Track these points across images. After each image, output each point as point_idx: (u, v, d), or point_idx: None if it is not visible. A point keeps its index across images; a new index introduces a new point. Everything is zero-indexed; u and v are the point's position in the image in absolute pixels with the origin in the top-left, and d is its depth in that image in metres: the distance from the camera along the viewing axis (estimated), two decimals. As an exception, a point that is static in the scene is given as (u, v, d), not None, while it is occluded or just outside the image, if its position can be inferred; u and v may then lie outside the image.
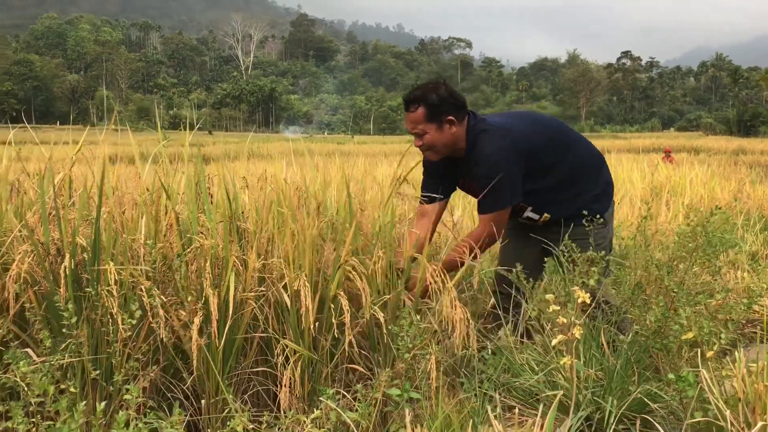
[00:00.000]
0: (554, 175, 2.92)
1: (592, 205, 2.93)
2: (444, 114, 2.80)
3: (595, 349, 2.49)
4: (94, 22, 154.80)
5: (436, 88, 2.83)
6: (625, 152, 19.27)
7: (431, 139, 2.83)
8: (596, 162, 3.08)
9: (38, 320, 2.18)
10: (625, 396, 2.15)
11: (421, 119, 2.81)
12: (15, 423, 1.66)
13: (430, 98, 2.80)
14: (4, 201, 2.63)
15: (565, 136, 3.02)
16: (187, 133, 3.53)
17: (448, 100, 2.81)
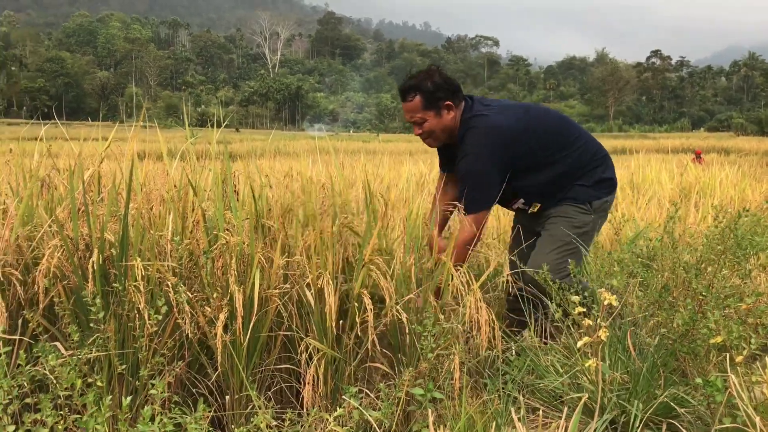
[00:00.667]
0: (546, 173, 2.92)
1: (577, 188, 2.95)
2: (441, 100, 2.83)
3: (620, 351, 2.46)
4: (125, 19, 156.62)
5: (430, 75, 2.84)
6: (653, 152, 19.06)
7: (431, 126, 2.87)
8: (594, 162, 3.04)
9: (67, 314, 2.21)
10: (650, 400, 2.12)
11: (418, 107, 2.84)
12: (43, 415, 1.69)
13: (426, 86, 2.81)
14: (34, 196, 2.68)
15: (564, 138, 2.98)
16: (215, 130, 3.57)
17: (443, 86, 2.83)
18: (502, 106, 3.01)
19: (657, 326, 2.77)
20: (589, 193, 2.96)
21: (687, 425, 2.06)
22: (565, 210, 2.94)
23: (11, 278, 2.28)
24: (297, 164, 6.41)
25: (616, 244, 4.55)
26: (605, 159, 3.09)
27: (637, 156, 10.97)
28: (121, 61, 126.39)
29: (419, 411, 2.06)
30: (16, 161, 3.06)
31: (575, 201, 2.95)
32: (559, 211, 2.94)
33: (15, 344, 2.16)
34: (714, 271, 2.83)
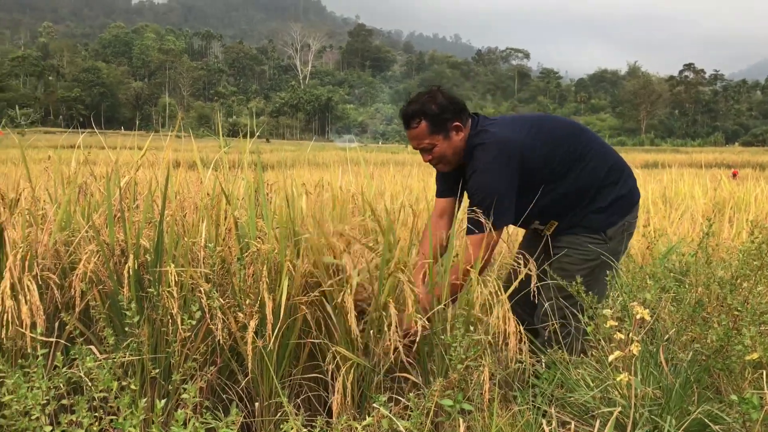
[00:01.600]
0: (559, 189, 2.73)
1: (592, 216, 2.76)
2: (449, 121, 2.65)
3: (653, 366, 2.43)
4: (159, 31, 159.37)
5: (433, 97, 2.67)
6: (686, 167, 18.80)
7: (441, 151, 2.69)
8: (612, 176, 2.82)
9: (102, 318, 2.25)
10: (683, 416, 2.09)
11: (425, 133, 2.66)
12: (79, 416, 1.72)
13: (430, 109, 2.64)
14: (72, 203, 2.74)
15: (578, 148, 2.76)
16: (248, 140, 3.62)
17: (449, 107, 2.66)
18: (509, 119, 2.87)
19: (690, 342, 2.73)
20: (602, 220, 2.77)
21: (720, 441, 2.02)
22: (579, 241, 2.75)
23: (49, 282, 2.33)
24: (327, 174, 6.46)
25: (648, 258, 4.51)
26: (623, 172, 2.87)
27: (669, 170, 10.85)
28: (155, 72, 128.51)
29: (448, 422, 2.05)
30: (55, 168, 3.13)
31: (588, 230, 2.77)
32: (572, 242, 2.76)
33: (52, 346, 2.21)
34: (750, 287, 2.78)
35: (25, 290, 2.17)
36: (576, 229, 2.76)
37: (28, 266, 2.28)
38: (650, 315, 2.89)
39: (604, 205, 2.76)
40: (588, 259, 2.73)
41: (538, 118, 2.92)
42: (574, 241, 2.74)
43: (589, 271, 2.73)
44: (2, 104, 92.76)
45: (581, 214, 2.75)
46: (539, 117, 2.96)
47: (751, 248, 2.78)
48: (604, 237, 2.77)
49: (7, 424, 1.81)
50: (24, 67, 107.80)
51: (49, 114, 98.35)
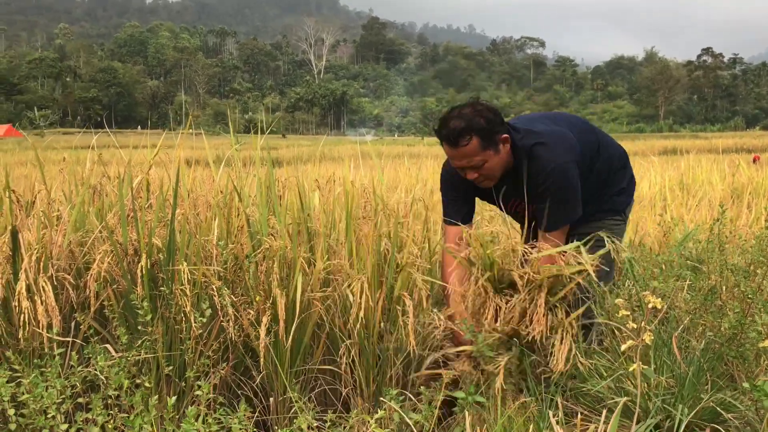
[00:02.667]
0: (589, 177, 2.69)
1: (615, 198, 2.80)
2: (497, 134, 2.50)
3: (666, 355, 2.42)
4: (173, 29, 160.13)
5: (478, 111, 2.51)
6: (705, 152, 18.60)
7: (492, 166, 2.53)
8: (622, 160, 2.88)
9: (116, 317, 2.28)
10: (696, 404, 2.08)
11: (477, 150, 2.47)
12: (94, 414, 1.75)
13: (479, 124, 2.46)
14: (86, 203, 2.77)
15: (596, 137, 2.79)
16: (259, 137, 3.64)
17: (495, 119, 2.51)
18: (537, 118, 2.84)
19: (704, 330, 2.71)
20: (623, 201, 2.82)
21: (734, 431, 2.01)
22: (605, 226, 2.69)
23: (64, 282, 2.36)
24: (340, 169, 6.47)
25: (664, 246, 4.48)
26: (625, 154, 2.93)
27: (687, 156, 10.73)
28: (170, 70, 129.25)
29: (461, 415, 2.06)
30: (69, 169, 3.17)
31: (614, 213, 2.79)
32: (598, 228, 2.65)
33: (68, 346, 2.24)
34: (764, 274, 2.76)
35: (41, 291, 2.20)
36: (599, 214, 2.76)
37: (43, 267, 2.31)
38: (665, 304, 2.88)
39: (624, 185, 2.83)
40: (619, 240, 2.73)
41: (558, 115, 2.91)
42: (600, 226, 2.67)
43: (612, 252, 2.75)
44: (21, 106, 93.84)
45: (604, 199, 2.78)
46: (564, 115, 2.95)
47: (765, 234, 2.76)
48: (623, 217, 2.82)
49: (25, 423, 1.85)
50: (41, 69, 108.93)
51: (67, 115, 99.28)
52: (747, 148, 29.00)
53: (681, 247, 3.75)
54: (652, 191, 7.20)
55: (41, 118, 79.84)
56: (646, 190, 7.34)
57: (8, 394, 1.86)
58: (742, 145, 31.98)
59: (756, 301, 2.42)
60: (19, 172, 9.56)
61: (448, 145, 2.50)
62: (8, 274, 2.30)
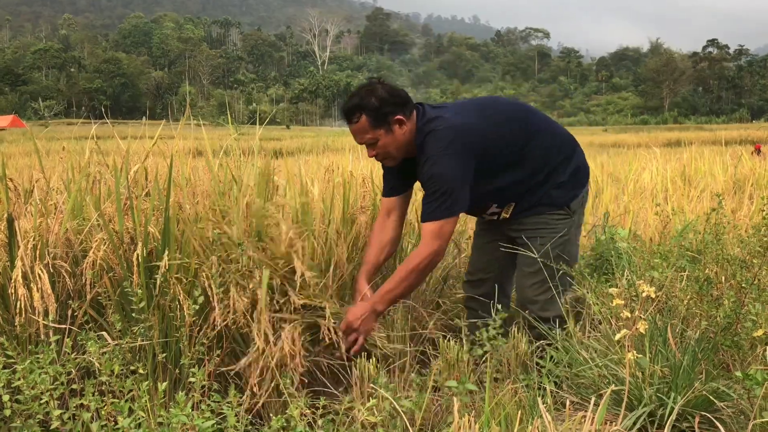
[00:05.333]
0: (516, 169, 2.68)
1: (553, 192, 2.72)
2: (389, 115, 2.55)
3: (661, 345, 2.43)
4: (178, 20, 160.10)
5: (372, 90, 2.58)
6: (709, 144, 18.54)
7: (384, 145, 2.59)
8: (565, 149, 2.80)
9: (112, 305, 2.29)
10: (690, 393, 2.09)
11: (367, 128, 2.56)
12: (87, 400, 1.76)
13: (370, 103, 2.54)
14: (83, 191, 2.78)
15: (529, 126, 2.73)
16: (258, 127, 3.65)
17: (390, 100, 2.56)
18: (458, 105, 2.82)
19: (700, 320, 2.72)
20: (565, 195, 2.75)
21: (728, 419, 2.02)
22: (545, 220, 2.72)
23: (60, 270, 2.37)
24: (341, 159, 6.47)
25: (665, 236, 4.48)
26: (574, 146, 2.85)
27: (690, 148, 10.70)
28: (174, 61, 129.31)
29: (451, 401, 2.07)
30: (68, 159, 3.18)
31: (552, 207, 2.73)
32: (538, 222, 2.73)
33: (64, 333, 2.26)
34: (760, 264, 2.76)
35: (37, 278, 2.22)
36: (538, 208, 2.73)
37: (40, 255, 2.33)
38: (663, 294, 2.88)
39: (564, 179, 2.74)
40: (559, 236, 2.70)
41: (486, 100, 2.89)
42: (539, 221, 2.71)
43: (561, 249, 2.71)
44: (26, 97, 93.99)
45: (542, 192, 2.71)
46: (487, 99, 2.94)
47: (763, 224, 2.75)
48: (568, 211, 2.75)
49: (20, 409, 1.86)
50: (46, 60, 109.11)
51: (72, 105, 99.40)
52: (751, 139, 28.91)
53: (680, 238, 3.76)
54: (653, 182, 7.19)
55: (45, 108, 79.96)
56: (648, 181, 7.33)
57: (3, 380, 1.87)
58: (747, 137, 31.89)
59: (751, 290, 2.42)
60: (23, 162, 9.60)
61: (345, 121, 2.62)
62: (5, 261, 2.31)
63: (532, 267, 2.69)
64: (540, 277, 2.67)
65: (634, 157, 11.00)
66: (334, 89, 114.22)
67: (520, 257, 2.74)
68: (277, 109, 70.80)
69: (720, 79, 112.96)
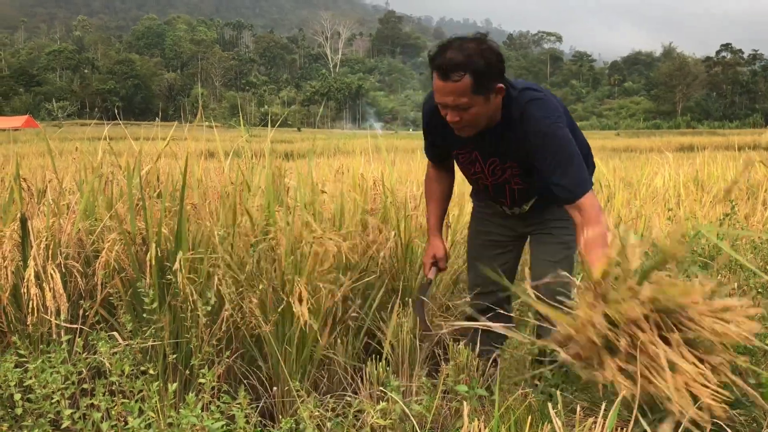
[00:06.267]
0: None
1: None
2: (494, 81, 2.26)
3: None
4: (190, 22, 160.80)
5: (482, 51, 2.23)
6: (722, 149, 18.43)
7: (476, 113, 2.29)
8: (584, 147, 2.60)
9: (123, 305, 2.30)
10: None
11: (467, 90, 2.22)
12: (98, 400, 1.77)
13: (478, 64, 2.20)
14: (96, 192, 2.80)
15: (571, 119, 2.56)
16: (269, 129, 3.66)
17: (498, 66, 2.26)
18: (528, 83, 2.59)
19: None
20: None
21: (740, 426, 2.00)
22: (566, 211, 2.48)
23: (72, 270, 2.39)
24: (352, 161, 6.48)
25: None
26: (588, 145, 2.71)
27: (703, 153, 10.65)
28: (187, 63, 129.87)
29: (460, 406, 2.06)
30: (81, 159, 3.20)
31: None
32: (560, 213, 2.48)
33: (76, 333, 2.27)
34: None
35: (49, 278, 2.23)
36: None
37: (52, 255, 2.34)
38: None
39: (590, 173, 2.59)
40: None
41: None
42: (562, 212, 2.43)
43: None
44: (40, 98, 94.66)
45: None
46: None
47: (776, 231, 2.73)
48: None
49: (31, 408, 1.87)
50: (60, 61, 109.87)
51: (85, 106, 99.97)
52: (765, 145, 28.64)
53: (692, 243, 3.73)
54: (665, 187, 7.15)
55: (59, 109, 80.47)
56: (660, 186, 7.30)
57: (15, 379, 1.88)
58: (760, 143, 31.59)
59: (764, 296, 2.40)
60: (36, 162, 9.66)
61: (439, 76, 2.24)
62: (17, 261, 2.33)
63: (555, 257, 2.52)
64: (564, 268, 2.37)
65: (647, 161, 10.94)
66: (345, 92, 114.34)
67: (540, 249, 2.59)
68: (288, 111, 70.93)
69: (734, 83, 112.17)
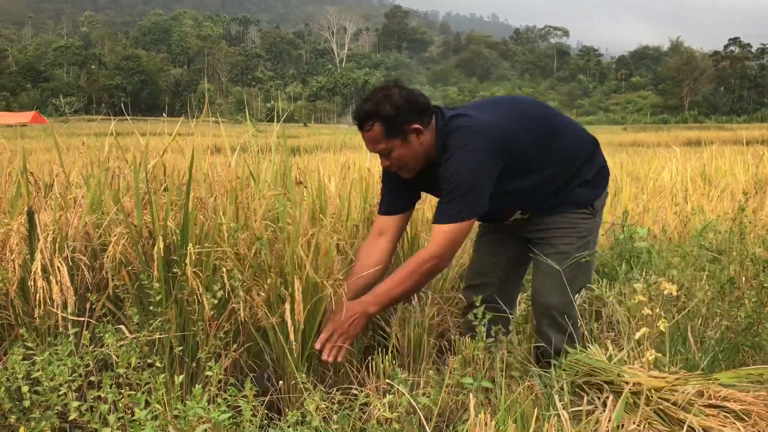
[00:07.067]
0: (542, 170, 2.51)
1: (577, 191, 2.57)
2: (405, 124, 2.35)
3: (681, 344, 2.40)
4: (197, 17, 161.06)
5: (388, 96, 2.36)
6: (729, 144, 18.33)
7: (399, 156, 2.39)
8: (587, 148, 2.65)
9: (130, 298, 2.31)
10: (709, 394, 2.06)
11: (380, 137, 2.36)
12: (104, 392, 1.77)
13: (384, 110, 2.33)
14: (103, 185, 2.80)
15: (551, 125, 2.57)
16: (275, 124, 3.66)
17: (407, 107, 2.35)
18: (480, 105, 2.65)
19: (721, 320, 2.68)
20: (589, 194, 2.61)
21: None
22: (568, 220, 2.57)
23: (79, 263, 2.39)
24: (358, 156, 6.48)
25: (684, 236, 4.44)
26: (596, 144, 2.70)
27: (710, 147, 10.59)
28: (193, 58, 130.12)
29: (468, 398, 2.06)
30: (88, 153, 3.20)
31: (577, 206, 2.58)
32: (562, 222, 2.57)
33: (83, 326, 2.27)
34: (783, 264, 2.72)
35: (56, 271, 2.23)
36: (562, 207, 2.58)
37: (59, 248, 2.34)
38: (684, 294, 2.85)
39: (589, 177, 2.61)
40: (582, 236, 2.57)
41: (508, 100, 2.74)
42: (562, 221, 2.56)
43: (584, 248, 2.57)
44: (47, 93, 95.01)
45: (566, 191, 2.57)
46: (510, 99, 2.78)
47: (786, 224, 2.71)
48: (591, 210, 2.61)
49: (39, 400, 1.88)
50: (67, 57, 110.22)
51: (92, 102, 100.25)
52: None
53: (700, 237, 3.71)
54: (672, 182, 7.13)
55: (66, 105, 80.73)
56: (667, 180, 7.27)
57: (23, 371, 1.89)
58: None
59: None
60: (43, 157, 9.69)
61: (358, 128, 2.42)
62: (25, 254, 2.33)
63: (552, 269, 2.51)
64: (568, 277, 2.50)
65: (654, 156, 10.91)
66: (351, 87, 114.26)
67: (539, 260, 2.59)
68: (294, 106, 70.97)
69: (741, 78, 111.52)
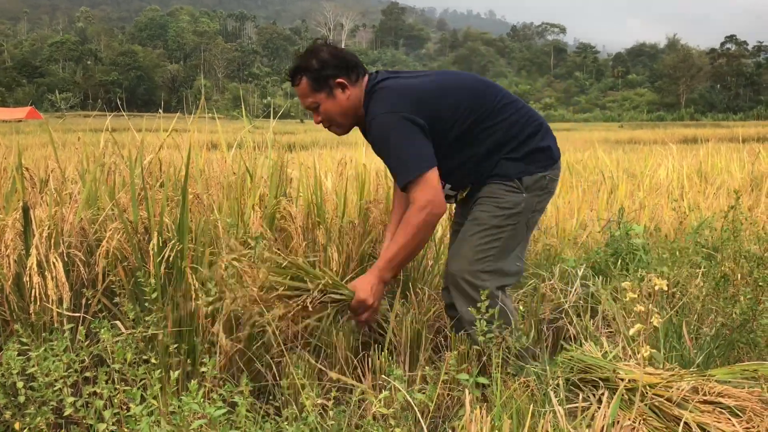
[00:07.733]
0: (473, 146, 2.48)
1: (504, 163, 2.49)
2: (330, 78, 2.45)
3: (676, 341, 2.41)
4: (193, 13, 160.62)
5: (316, 51, 2.47)
6: (726, 141, 18.36)
7: (326, 110, 2.49)
8: (527, 129, 2.53)
9: (125, 294, 2.30)
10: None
11: (307, 91, 2.47)
12: (100, 387, 1.77)
13: (311, 65, 2.44)
14: (98, 181, 2.79)
15: (490, 99, 2.51)
16: (271, 121, 3.66)
17: (332, 62, 2.45)
18: (417, 72, 2.66)
19: (716, 316, 2.69)
20: (518, 167, 2.49)
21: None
22: (491, 190, 2.50)
23: (75, 259, 2.39)
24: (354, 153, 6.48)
25: (679, 233, 4.44)
26: (541, 127, 2.58)
27: (706, 145, 10.62)
28: (190, 54, 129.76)
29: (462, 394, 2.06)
30: (84, 149, 3.20)
31: (502, 178, 2.48)
32: (485, 192, 2.52)
33: (78, 321, 2.27)
34: (777, 261, 2.73)
35: (52, 267, 2.23)
36: (490, 179, 2.51)
37: (54, 243, 2.34)
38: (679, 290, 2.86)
39: (519, 155, 2.50)
40: (502, 206, 2.47)
41: (442, 72, 2.70)
42: (487, 191, 2.51)
43: (502, 220, 2.48)
44: (43, 89, 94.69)
45: (494, 162, 2.50)
46: (444, 71, 2.75)
47: (781, 221, 2.72)
48: (519, 185, 2.48)
49: (34, 395, 1.88)
50: (63, 52, 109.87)
51: (88, 98, 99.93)
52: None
53: (696, 235, 3.73)
54: (669, 179, 7.14)
55: (62, 100, 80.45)
56: (663, 177, 7.28)
57: (18, 367, 1.88)
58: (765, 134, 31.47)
59: (765, 287, 2.39)
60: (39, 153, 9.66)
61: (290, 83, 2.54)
62: (20, 250, 2.33)
63: (464, 235, 2.51)
64: (476, 243, 2.46)
65: (650, 153, 10.92)
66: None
67: (462, 229, 2.57)
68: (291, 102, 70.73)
69: (738, 75, 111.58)
